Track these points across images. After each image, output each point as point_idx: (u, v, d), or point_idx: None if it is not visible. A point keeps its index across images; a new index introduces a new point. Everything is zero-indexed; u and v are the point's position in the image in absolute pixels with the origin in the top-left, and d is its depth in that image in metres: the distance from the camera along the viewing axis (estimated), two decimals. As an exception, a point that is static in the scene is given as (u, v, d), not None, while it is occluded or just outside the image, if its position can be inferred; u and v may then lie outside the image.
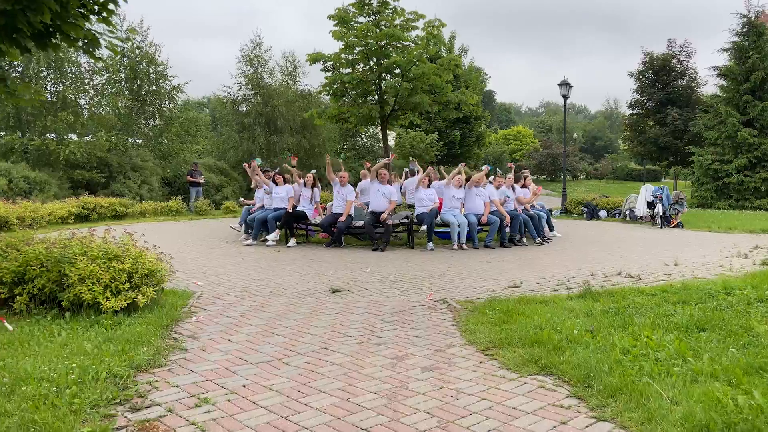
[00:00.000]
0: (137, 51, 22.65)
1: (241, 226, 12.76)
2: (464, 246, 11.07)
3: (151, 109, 23.62)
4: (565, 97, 21.00)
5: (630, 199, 17.88)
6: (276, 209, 11.92)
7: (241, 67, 27.66)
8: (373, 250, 10.86)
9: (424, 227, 10.82)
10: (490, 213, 11.51)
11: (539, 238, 11.88)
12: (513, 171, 13.14)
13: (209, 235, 13.56)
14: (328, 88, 13.75)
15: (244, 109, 27.74)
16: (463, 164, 11.70)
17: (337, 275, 8.25)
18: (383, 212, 11.12)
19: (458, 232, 11.02)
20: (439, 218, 11.33)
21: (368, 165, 16.45)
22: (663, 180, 55.81)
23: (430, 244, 10.99)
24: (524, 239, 11.87)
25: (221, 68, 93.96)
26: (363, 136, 36.95)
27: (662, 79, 30.85)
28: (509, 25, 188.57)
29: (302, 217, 11.70)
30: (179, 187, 23.27)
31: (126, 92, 22.63)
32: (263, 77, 27.74)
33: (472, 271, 8.64)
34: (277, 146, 26.21)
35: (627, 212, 17.72)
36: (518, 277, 8.06)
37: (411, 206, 14.87)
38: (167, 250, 7.33)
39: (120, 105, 22.49)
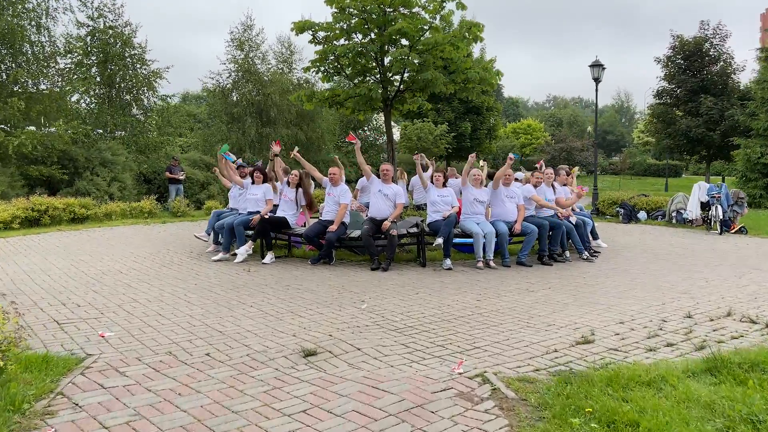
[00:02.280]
0: (110, 31, 20.08)
1: (209, 234, 10.18)
2: (492, 263, 8.49)
3: (128, 97, 21.08)
4: (597, 80, 18.34)
5: (677, 198, 15.23)
6: (250, 213, 9.36)
7: (231, 51, 25.09)
8: (373, 269, 8.29)
9: (440, 239, 8.23)
10: (525, 219, 8.91)
11: (586, 253, 9.26)
12: (542, 167, 10.52)
13: (173, 245, 11.02)
14: (318, 65, 11.13)
15: (235, 99, 25.16)
16: (474, 155, 9.07)
17: (318, 317, 5.68)
18: (386, 219, 8.54)
19: (484, 245, 8.44)
20: (458, 227, 8.75)
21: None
22: (683, 175, 53.02)
23: (448, 262, 8.40)
24: (567, 253, 9.26)
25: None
26: (366, 128, 34.37)
27: (694, 65, 28.09)
28: (513, 19, 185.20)
29: (282, 224, 9.12)
30: (159, 185, 20.75)
31: (97, 78, 20.07)
32: (255, 63, 25.15)
33: (512, 308, 6.05)
34: (270, 137, 23.61)
35: (674, 214, 15.08)
36: (583, 321, 5.48)
37: (420, 208, 12.30)
38: (103, 267, 4.74)
39: (90, 92, 19.97)
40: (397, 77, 11.35)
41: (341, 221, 8.72)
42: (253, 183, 9.61)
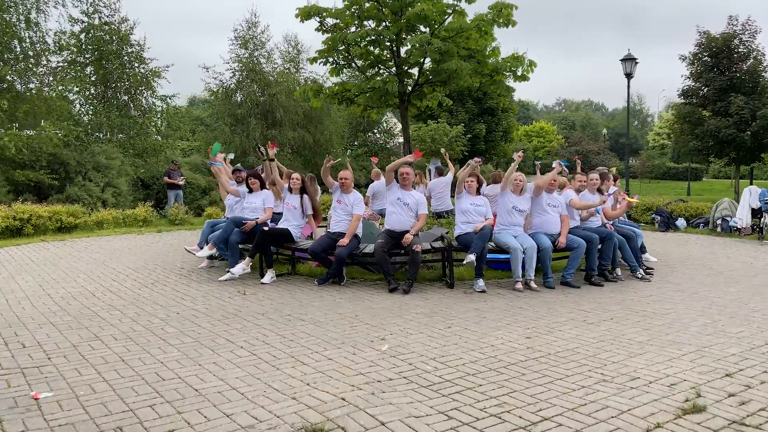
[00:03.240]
0: (105, 27, 18.91)
1: (201, 248, 8.88)
2: (532, 283, 7.15)
3: (125, 98, 19.89)
4: (629, 75, 16.98)
5: (722, 204, 13.82)
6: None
7: (235, 50, 23.87)
8: (391, 290, 6.97)
9: (472, 256, 6.88)
10: (571, 232, 7.57)
11: (641, 270, 7.90)
12: (578, 167, 9.18)
13: (163, 258, 9.75)
14: (326, 55, 9.83)
15: (239, 99, 23.92)
16: (479, 159, 7.73)
17: (326, 364, 4.36)
18: (406, 232, 7.22)
19: (523, 262, 7.10)
20: (491, 240, 7.41)
21: (376, 161, 12.58)
22: (704, 179, 51.39)
23: (481, 283, 7.07)
24: (618, 270, 7.90)
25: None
26: (376, 130, 33.09)
27: (722, 62, 26.58)
28: (520, 21, 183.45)
29: (284, 237, 7.83)
30: (159, 191, 19.53)
31: (92, 77, 18.90)
32: (260, 62, 23.91)
33: (575, 349, 4.71)
34: (276, 140, 22.34)
35: (718, 222, 13.66)
36: (674, 371, 4.14)
37: (441, 216, 10.99)
38: (75, 289, 3.45)
39: (85, 92, 18.79)
40: (415, 70, 10.04)
41: (354, 233, 7.41)
42: (250, 191, 8.33)
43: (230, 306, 6.31)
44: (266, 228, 7.64)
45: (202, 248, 8.80)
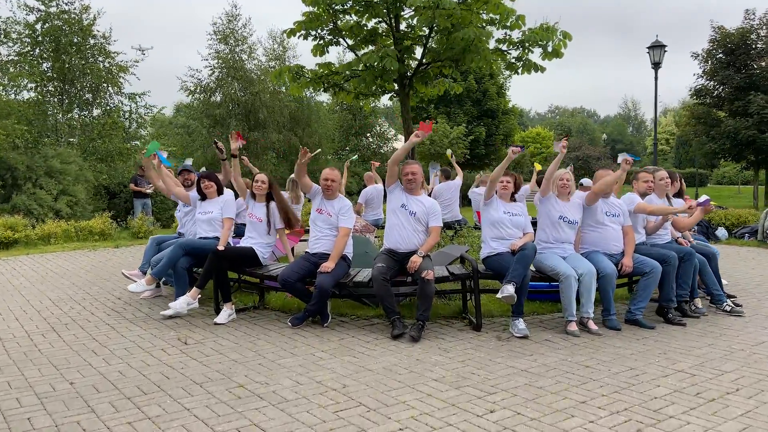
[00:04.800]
0: (64, 16, 16.81)
1: (144, 273, 6.78)
2: (591, 324, 5.12)
3: (88, 96, 17.76)
4: (657, 65, 15.08)
5: (774, 211, 11.87)
6: (202, 242, 6.01)
7: (214, 45, 21.82)
8: (396, 336, 4.91)
9: (510, 288, 4.83)
10: (641, 251, 5.56)
11: (729, 301, 5.88)
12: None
13: (104, 283, 7.66)
14: (307, 27, 7.80)
15: (219, 99, 21.85)
16: (518, 148, 5.59)
17: None
18: (413, 253, 5.18)
19: (577, 292, 5.08)
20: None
21: (377, 165, 10.53)
22: (708, 185, 49.73)
23: (521, 325, 5.03)
24: (698, 301, 5.87)
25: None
26: (369, 134, 31.09)
27: (739, 59, 24.80)
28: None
29: (247, 259, 5.76)
30: (127, 199, 17.38)
31: (48, 72, 16.78)
32: (242, 59, 21.86)
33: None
34: (258, 143, 20.30)
35: (769, 232, 11.71)
36: None
37: (450, 227, 8.98)
38: None
39: (42, 88, 16.67)
40: (418, 52, 8.04)
41: (340, 254, 5.36)
42: (203, 198, 6.26)
43: (157, 368, 4.24)
44: (221, 247, 5.57)
45: (144, 273, 6.73)
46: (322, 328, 5.30)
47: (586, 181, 9.86)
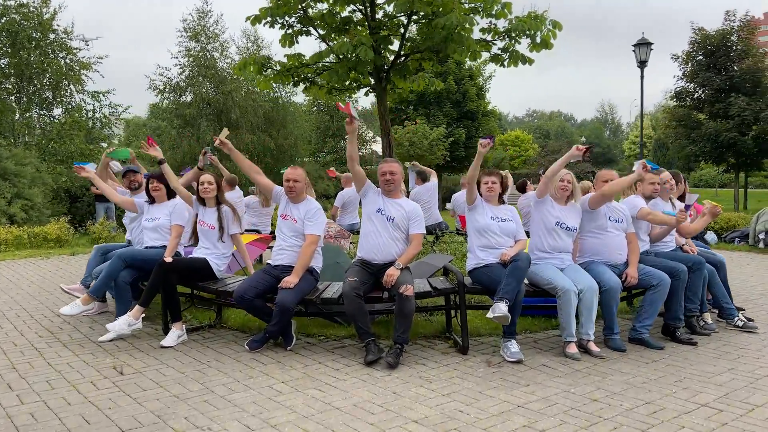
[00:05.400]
0: (23, 10, 15.84)
1: (87, 286, 5.98)
2: (593, 345, 4.48)
3: (49, 94, 16.78)
4: (643, 63, 14.64)
5: (764, 216, 11.43)
6: (146, 253, 5.26)
7: (184, 43, 20.94)
8: (369, 362, 4.22)
9: (503, 306, 4.17)
10: (647, 261, 4.95)
11: (741, 315, 5.30)
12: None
13: (45, 297, 6.84)
14: (272, 14, 7.07)
15: (189, 99, 20.95)
16: (487, 141, 4.92)
17: None
18: (390, 264, 4.50)
19: (578, 310, 4.44)
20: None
21: (335, 175, 9.90)
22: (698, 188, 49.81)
23: (514, 347, 4.37)
24: (708, 316, 5.28)
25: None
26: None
27: (720, 61, 24.62)
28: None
29: (199, 272, 5.02)
30: (90, 203, 16.43)
31: (5, 69, 15.78)
32: (213, 57, 21.00)
33: None
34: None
35: (761, 236, 11.27)
36: None
37: (430, 233, 8.34)
38: None
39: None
40: (395, 46, 7.36)
41: (305, 267, 4.65)
42: (151, 201, 5.52)
43: (78, 409, 3.49)
44: (168, 259, 4.82)
45: (88, 286, 5.94)
46: (284, 352, 4.58)
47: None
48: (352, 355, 4.50)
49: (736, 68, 24.20)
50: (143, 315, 4.91)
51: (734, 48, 24.55)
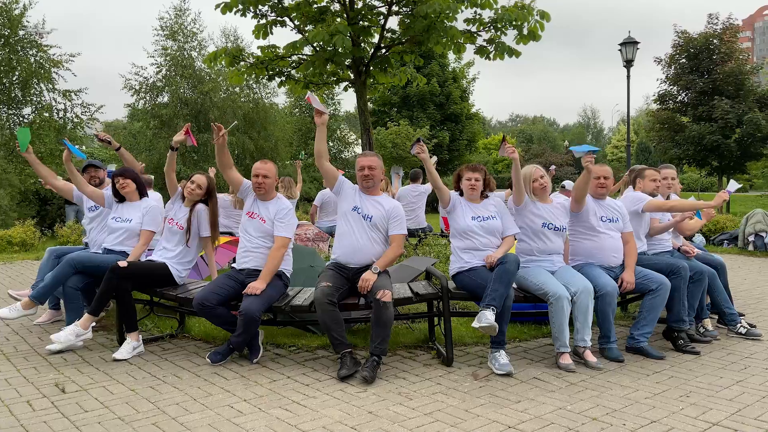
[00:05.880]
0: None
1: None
2: (589, 355, 4.10)
3: (18, 93, 16.12)
4: (629, 62, 14.41)
5: (755, 217, 11.20)
6: (109, 255, 4.81)
7: (160, 41, 20.36)
8: (343, 377, 3.80)
9: (490, 315, 3.78)
10: (644, 262, 4.59)
11: (744, 322, 4.97)
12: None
13: (1, 305, 6.32)
14: (243, 3, 6.63)
15: (166, 99, 20.38)
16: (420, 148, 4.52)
17: None
18: (366, 267, 4.09)
19: (571, 316, 4.07)
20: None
21: (299, 167, 9.54)
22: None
23: (503, 359, 3.97)
24: (708, 322, 4.94)
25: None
26: (329, 139, 29.87)
27: (703, 64, 24.60)
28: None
29: (158, 278, 4.57)
30: (61, 206, 15.81)
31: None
32: (192, 56, 20.46)
33: None
34: (208, 146, 18.91)
35: (750, 238, 11.04)
36: None
37: (413, 235, 7.96)
38: None
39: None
40: (377, 21, 6.95)
41: (275, 273, 4.22)
42: (120, 200, 5.06)
43: (4, 434, 3.03)
44: (123, 263, 4.36)
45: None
46: (250, 366, 4.15)
47: (567, 183, 8.99)
48: (325, 368, 4.08)
49: (718, 71, 24.19)
50: (94, 324, 4.45)
51: (717, 51, 24.55)
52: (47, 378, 3.92)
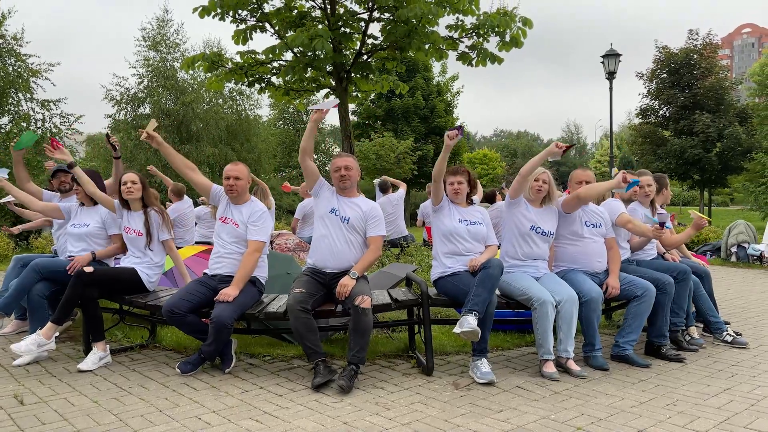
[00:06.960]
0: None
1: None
2: (572, 364, 3.98)
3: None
4: (611, 74, 14.47)
5: (737, 228, 11.22)
6: (65, 264, 4.60)
7: (142, 52, 20.18)
8: (317, 386, 3.63)
9: (472, 320, 3.66)
10: (624, 270, 4.49)
11: (731, 330, 4.88)
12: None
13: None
14: (221, 3, 6.52)
15: (148, 110, 20.16)
16: (455, 132, 4.33)
17: None
18: (344, 272, 3.95)
19: (555, 323, 3.95)
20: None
21: (289, 189, 9.41)
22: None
23: (485, 367, 3.84)
24: (694, 330, 4.85)
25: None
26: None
27: (683, 78, 24.93)
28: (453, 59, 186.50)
29: (126, 284, 4.38)
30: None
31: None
32: (174, 66, 20.29)
33: None
34: (190, 157, 18.70)
35: (733, 249, 11.05)
36: None
37: (396, 245, 7.84)
38: None
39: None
40: (359, 27, 6.86)
41: (248, 279, 4.06)
42: (80, 204, 4.88)
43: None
44: (89, 269, 4.17)
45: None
46: (221, 376, 3.97)
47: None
48: (300, 378, 3.91)
49: (699, 86, 24.53)
50: (57, 334, 4.24)
51: (698, 66, 24.90)
52: (7, 389, 3.71)
